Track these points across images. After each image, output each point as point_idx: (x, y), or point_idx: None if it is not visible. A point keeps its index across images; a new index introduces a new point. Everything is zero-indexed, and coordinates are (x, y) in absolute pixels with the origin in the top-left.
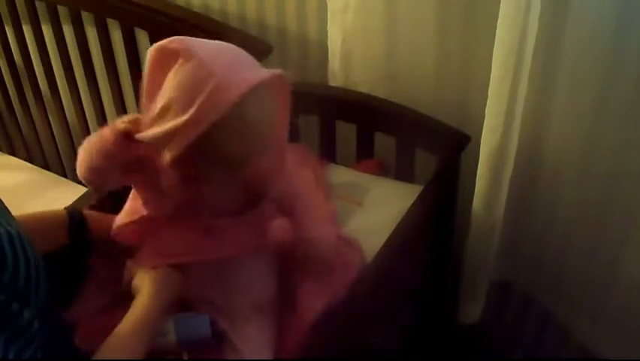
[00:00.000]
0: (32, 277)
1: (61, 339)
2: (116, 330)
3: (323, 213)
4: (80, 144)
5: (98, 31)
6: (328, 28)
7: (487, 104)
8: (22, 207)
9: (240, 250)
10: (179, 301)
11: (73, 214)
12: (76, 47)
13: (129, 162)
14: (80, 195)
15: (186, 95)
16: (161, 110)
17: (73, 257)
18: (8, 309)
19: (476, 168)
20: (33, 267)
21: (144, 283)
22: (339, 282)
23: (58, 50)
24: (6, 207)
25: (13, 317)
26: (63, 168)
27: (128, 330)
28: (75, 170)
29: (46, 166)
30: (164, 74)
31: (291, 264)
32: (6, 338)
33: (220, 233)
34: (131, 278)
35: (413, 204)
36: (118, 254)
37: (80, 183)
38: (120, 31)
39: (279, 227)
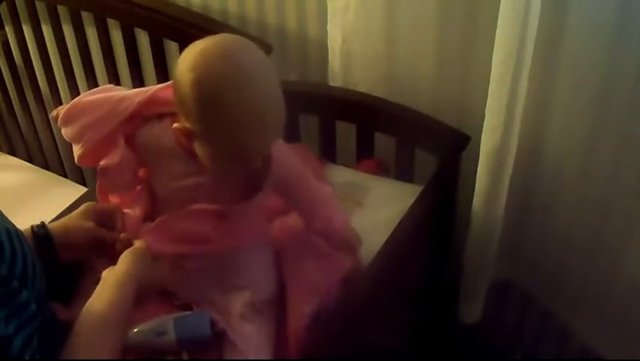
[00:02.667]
0: (29, 270)
1: (58, 340)
2: (85, 307)
3: (327, 196)
4: None
5: (98, 31)
6: (328, 28)
7: (487, 103)
8: (22, 207)
9: (249, 236)
10: (178, 303)
11: (38, 233)
12: (76, 47)
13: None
14: (80, 195)
15: None
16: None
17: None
18: (9, 285)
19: (476, 168)
20: (30, 261)
21: (126, 260)
22: (326, 284)
23: (58, 50)
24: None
25: (14, 293)
26: (63, 168)
27: (97, 308)
28: (75, 170)
29: (46, 166)
30: None
31: (284, 263)
32: (7, 313)
33: (229, 221)
34: None
35: (413, 204)
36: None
37: (79, 183)
38: (120, 31)
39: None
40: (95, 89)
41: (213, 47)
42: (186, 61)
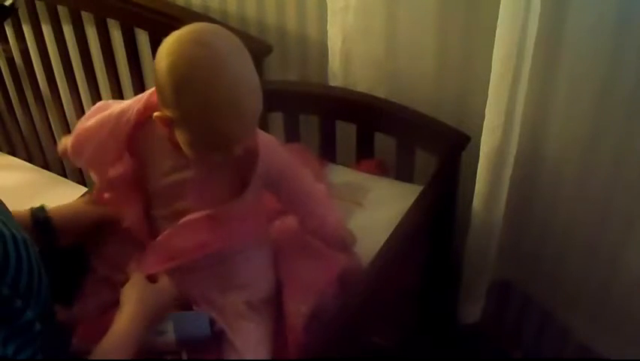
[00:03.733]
0: (34, 280)
1: (58, 341)
2: (99, 346)
3: (321, 194)
4: None
5: (98, 31)
6: (328, 28)
7: (487, 103)
8: (22, 207)
9: (243, 235)
10: (177, 303)
11: (38, 215)
12: (76, 47)
13: None
14: (80, 195)
15: None
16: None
17: (68, 258)
18: (11, 305)
19: (476, 168)
20: (35, 270)
21: (130, 297)
22: (323, 282)
23: (58, 50)
24: (9, 211)
25: (16, 314)
26: (63, 168)
27: (111, 346)
28: (75, 170)
29: (46, 166)
30: None
31: (280, 262)
32: (5, 335)
33: (221, 221)
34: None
35: (413, 204)
36: (118, 254)
37: (79, 183)
38: (120, 31)
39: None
40: (90, 112)
41: (188, 35)
42: (163, 49)
